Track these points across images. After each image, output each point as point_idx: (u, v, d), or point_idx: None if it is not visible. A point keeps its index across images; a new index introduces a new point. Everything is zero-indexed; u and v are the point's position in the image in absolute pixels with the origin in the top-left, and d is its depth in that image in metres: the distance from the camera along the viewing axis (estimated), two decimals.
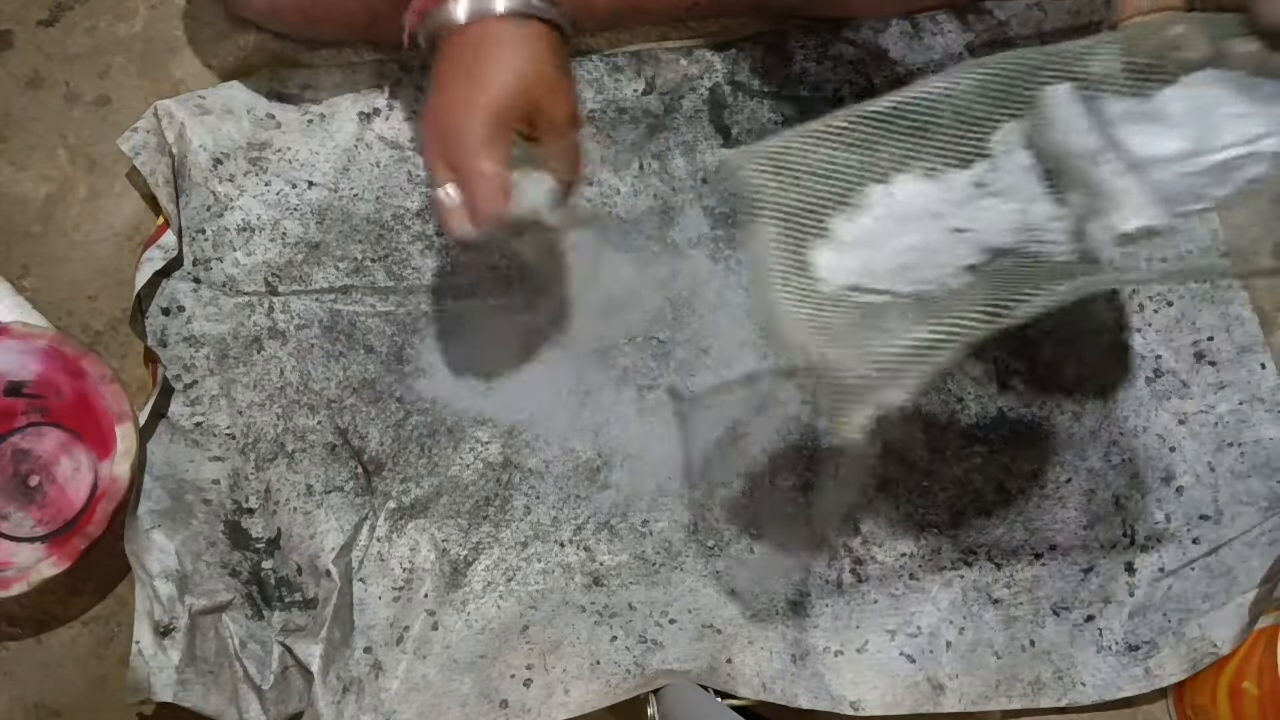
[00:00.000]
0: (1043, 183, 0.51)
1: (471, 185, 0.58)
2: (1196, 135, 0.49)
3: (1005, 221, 0.51)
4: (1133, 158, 0.49)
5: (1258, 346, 0.77)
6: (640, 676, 0.71)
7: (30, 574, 0.68)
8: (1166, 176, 0.49)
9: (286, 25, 0.77)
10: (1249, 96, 0.50)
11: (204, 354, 0.74)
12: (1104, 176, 0.48)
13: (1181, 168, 0.49)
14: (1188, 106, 0.50)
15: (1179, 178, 0.49)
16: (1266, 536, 0.74)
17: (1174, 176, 0.49)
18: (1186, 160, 0.49)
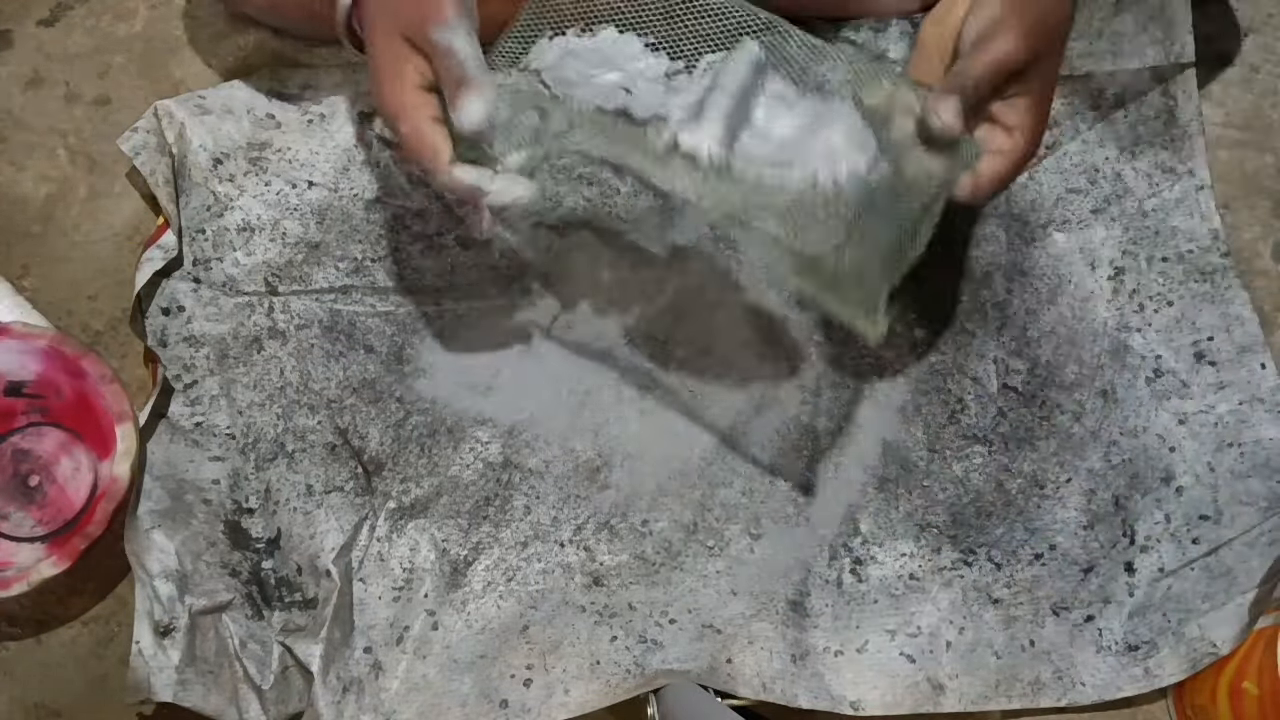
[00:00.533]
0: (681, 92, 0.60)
1: (407, 151, 0.58)
2: (796, 139, 0.58)
3: (649, 101, 0.60)
4: (746, 116, 0.58)
5: (1258, 347, 0.77)
6: (640, 676, 0.71)
7: (30, 574, 0.68)
8: (752, 143, 0.58)
9: (287, 20, 0.77)
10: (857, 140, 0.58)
11: (204, 354, 0.74)
12: (713, 101, 0.57)
13: (766, 149, 0.58)
14: (807, 119, 0.58)
15: (760, 150, 0.57)
16: (1266, 537, 0.74)
17: (757, 147, 0.57)
18: (777, 148, 0.58)
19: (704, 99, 0.57)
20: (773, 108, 0.59)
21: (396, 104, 0.57)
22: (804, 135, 0.57)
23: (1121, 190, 0.80)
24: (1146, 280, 0.79)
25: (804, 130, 0.58)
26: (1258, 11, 0.86)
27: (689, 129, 0.57)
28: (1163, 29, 0.78)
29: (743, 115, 0.58)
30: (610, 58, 0.61)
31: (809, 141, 0.57)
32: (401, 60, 0.57)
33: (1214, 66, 0.84)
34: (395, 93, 0.57)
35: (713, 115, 0.56)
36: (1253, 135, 0.84)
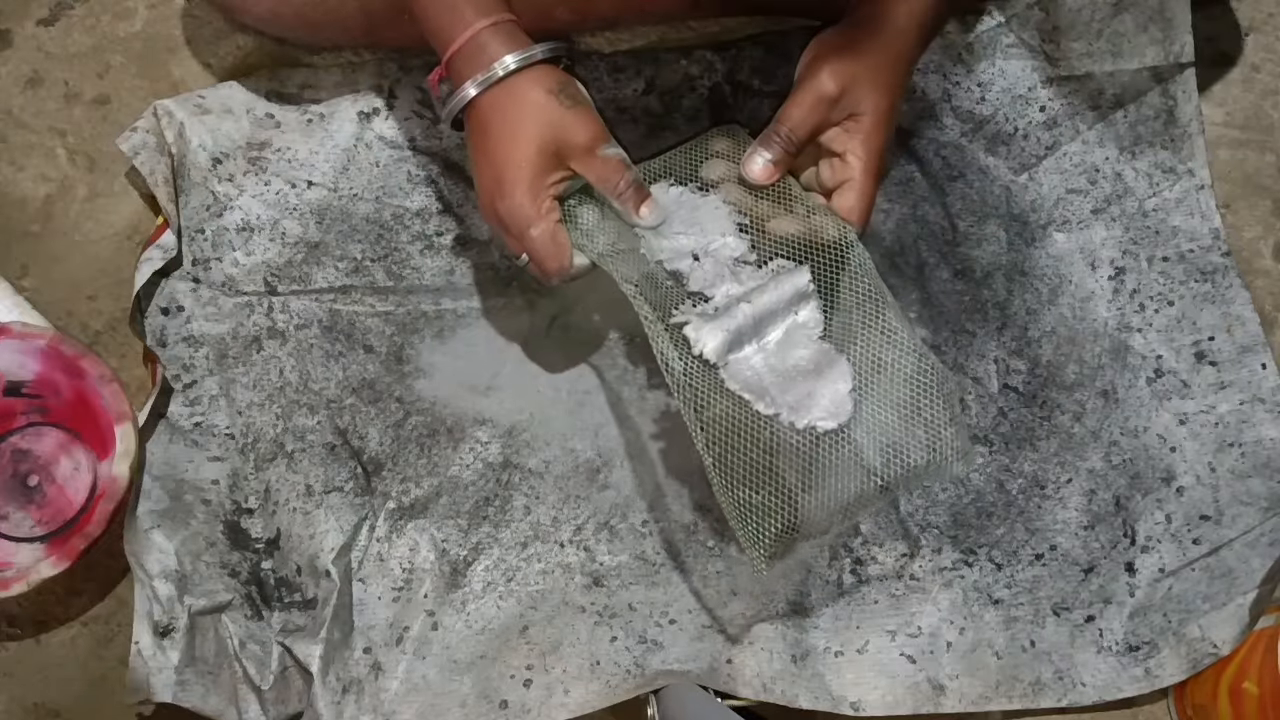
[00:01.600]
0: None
1: (532, 252, 0.63)
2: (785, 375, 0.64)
3: (706, 276, 0.66)
4: (758, 333, 0.65)
5: (1258, 347, 0.77)
6: (640, 677, 0.71)
7: (30, 574, 0.68)
8: (746, 361, 0.64)
9: (286, 30, 0.77)
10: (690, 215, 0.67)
11: (203, 354, 0.74)
12: (735, 311, 0.64)
13: (751, 373, 0.64)
14: (810, 364, 0.65)
15: (745, 372, 0.64)
16: (1267, 537, 0.74)
17: (747, 367, 0.64)
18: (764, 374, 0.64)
19: (732, 305, 0.63)
20: (791, 335, 0.64)
21: (533, 210, 0.62)
22: (796, 376, 0.63)
23: (1122, 190, 0.80)
24: (1147, 280, 0.79)
25: (800, 372, 0.63)
26: (1258, 11, 0.86)
27: (697, 326, 0.62)
28: (1162, 29, 0.78)
29: (757, 330, 0.63)
30: (703, 224, 0.66)
31: (796, 382, 0.63)
32: (547, 172, 0.62)
33: (1214, 66, 0.84)
34: (534, 200, 0.62)
35: (725, 324, 0.62)
36: (1253, 135, 0.84)
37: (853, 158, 0.65)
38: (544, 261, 0.63)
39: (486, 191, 0.64)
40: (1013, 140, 0.80)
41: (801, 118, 0.65)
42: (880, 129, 0.65)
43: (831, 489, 0.62)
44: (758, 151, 0.65)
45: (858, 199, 0.65)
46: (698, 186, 0.68)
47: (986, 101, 0.81)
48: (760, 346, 0.64)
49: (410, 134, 0.78)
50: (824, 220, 0.66)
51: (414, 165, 0.78)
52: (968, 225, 0.80)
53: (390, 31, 0.75)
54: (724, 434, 0.61)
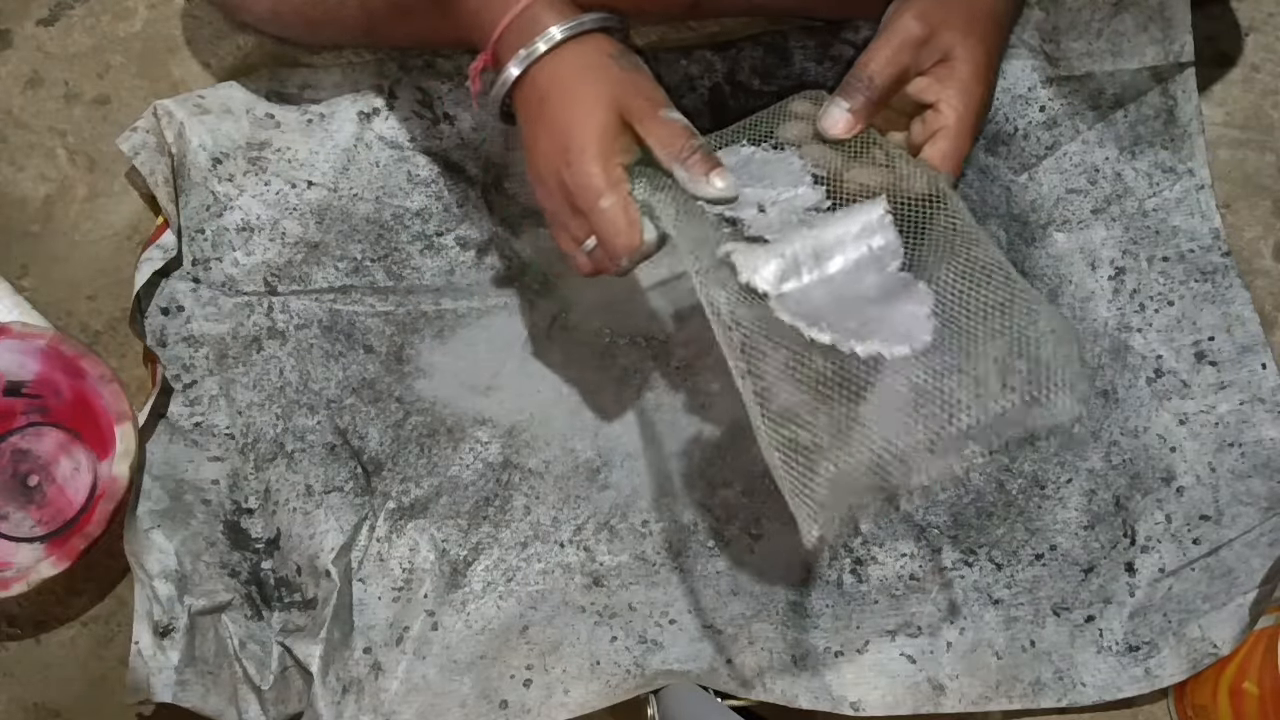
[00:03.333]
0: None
1: (603, 228, 0.58)
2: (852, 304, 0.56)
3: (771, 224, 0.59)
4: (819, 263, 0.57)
5: (1259, 346, 0.77)
6: (640, 677, 0.71)
7: (30, 574, 0.68)
8: (803, 292, 0.56)
9: (286, 29, 0.77)
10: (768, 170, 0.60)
11: (203, 354, 0.74)
12: (793, 236, 0.57)
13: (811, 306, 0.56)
14: (879, 292, 0.56)
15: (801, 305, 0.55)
16: (1267, 537, 0.74)
17: (803, 300, 0.56)
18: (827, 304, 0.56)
19: (789, 231, 0.56)
20: (861, 265, 0.57)
21: (604, 180, 0.57)
22: (863, 303, 0.55)
23: (1122, 190, 0.80)
24: (1147, 280, 0.79)
25: (867, 300, 0.56)
26: (1258, 11, 0.86)
27: (745, 251, 0.55)
28: (1162, 28, 0.78)
29: (818, 261, 0.56)
30: (774, 176, 0.60)
31: (862, 308, 0.55)
32: (614, 137, 0.57)
33: (1214, 66, 0.84)
34: (605, 168, 0.57)
35: (779, 249, 0.55)
36: (1253, 135, 0.84)
37: (946, 106, 0.59)
38: (615, 237, 0.57)
39: (548, 165, 0.58)
40: (1012, 140, 0.80)
41: (885, 61, 0.59)
42: (979, 77, 0.59)
43: (899, 427, 0.52)
44: (835, 101, 0.60)
45: (951, 144, 0.60)
46: (772, 145, 0.62)
47: None
48: (821, 277, 0.56)
49: (410, 134, 0.78)
50: (911, 169, 0.59)
51: (414, 165, 0.78)
52: None
53: (390, 30, 0.75)
54: (769, 367, 0.53)
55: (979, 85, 0.60)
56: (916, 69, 0.60)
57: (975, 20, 0.60)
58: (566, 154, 0.57)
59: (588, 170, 0.57)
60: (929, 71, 0.60)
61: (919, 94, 0.61)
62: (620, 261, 0.59)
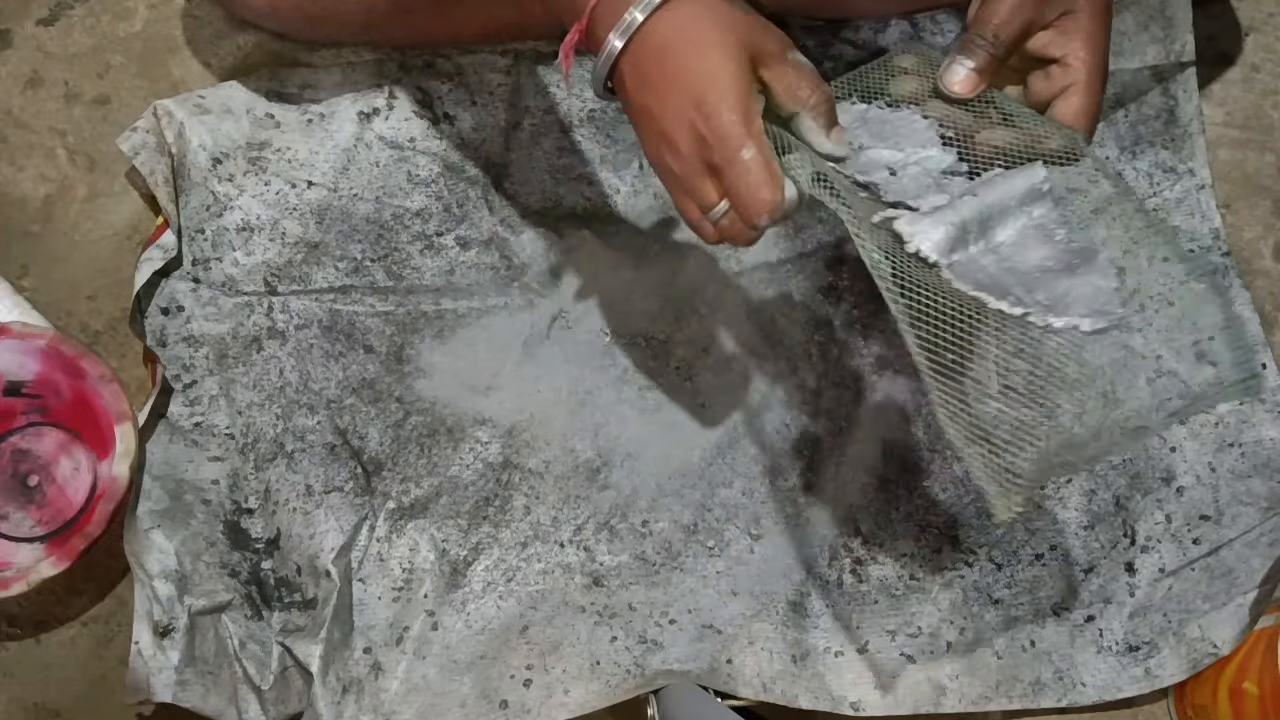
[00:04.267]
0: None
1: (743, 182, 0.53)
2: (1030, 274, 0.55)
3: (906, 188, 0.56)
4: (986, 232, 0.55)
5: (1259, 347, 0.77)
6: (640, 677, 0.71)
7: (30, 574, 0.68)
8: (975, 262, 0.55)
9: (285, 25, 0.77)
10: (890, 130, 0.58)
11: (203, 354, 0.74)
12: (959, 205, 0.54)
13: (985, 274, 0.54)
14: (1057, 263, 0.55)
15: (976, 272, 0.54)
16: (1267, 537, 0.74)
17: (977, 267, 0.54)
18: (1001, 274, 0.54)
19: (954, 199, 0.54)
20: (1026, 235, 0.55)
21: (745, 129, 0.52)
22: (1041, 275, 0.53)
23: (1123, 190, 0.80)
24: (1147, 280, 0.79)
25: (1045, 271, 0.54)
26: (1258, 11, 0.86)
27: (912, 219, 0.53)
28: (1163, 28, 0.78)
29: (983, 230, 0.54)
30: (899, 136, 0.58)
31: (1044, 280, 0.53)
32: (750, 84, 0.53)
33: (1215, 66, 0.84)
34: (746, 117, 0.53)
35: (947, 218, 0.53)
36: (1253, 134, 0.84)
37: (1075, 59, 0.57)
38: (757, 190, 0.53)
39: (679, 121, 0.53)
40: None
41: (1008, 15, 0.56)
42: (1100, 28, 0.57)
43: (1108, 399, 0.51)
44: (957, 60, 0.57)
45: (1085, 101, 0.57)
46: (886, 103, 0.60)
47: None
48: (990, 247, 0.54)
49: (410, 134, 0.78)
50: (1044, 129, 0.57)
51: (414, 165, 0.78)
52: None
53: (390, 27, 0.75)
54: (956, 338, 0.50)
55: (1102, 35, 0.57)
56: (1040, 23, 0.57)
57: None
58: (703, 105, 0.53)
59: (728, 119, 0.52)
60: (1052, 25, 0.58)
61: (1042, 49, 0.58)
62: (760, 220, 0.54)
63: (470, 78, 0.79)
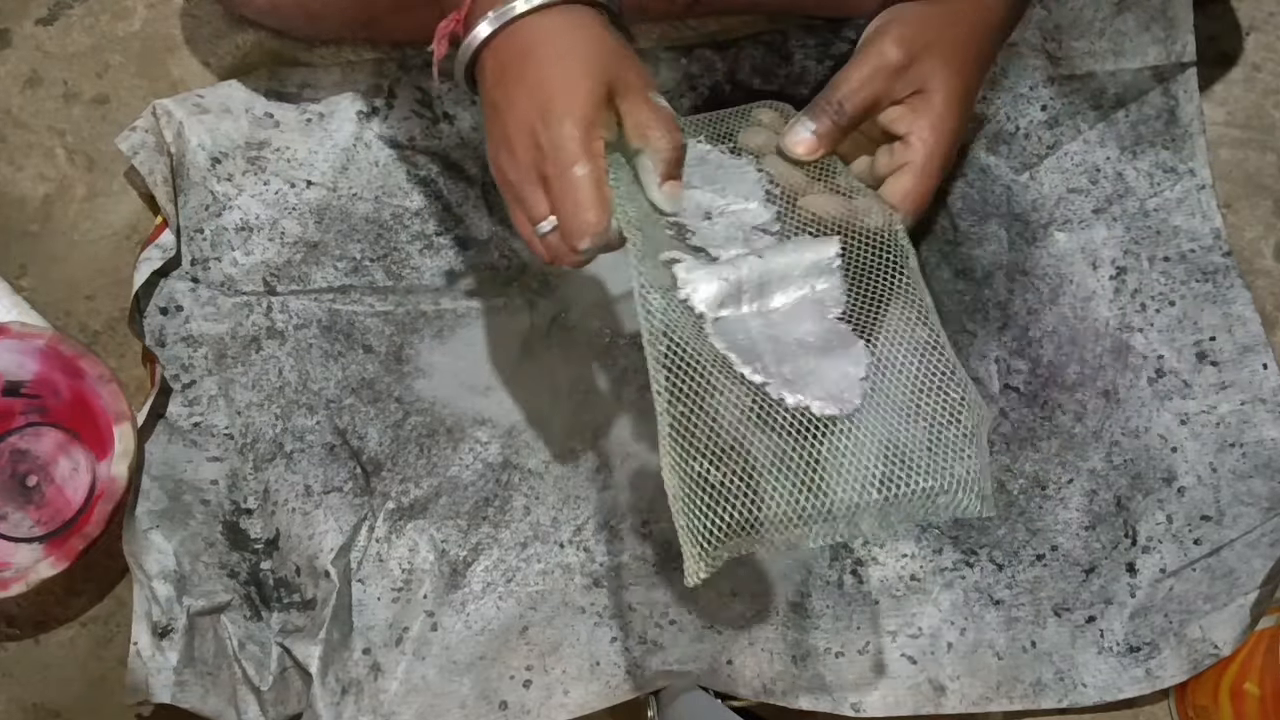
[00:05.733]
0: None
1: (569, 199, 0.52)
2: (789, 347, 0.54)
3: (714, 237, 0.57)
4: (762, 295, 0.55)
5: (1260, 347, 0.77)
6: (640, 678, 0.71)
7: (29, 574, 0.67)
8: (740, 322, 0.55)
9: (286, 22, 0.76)
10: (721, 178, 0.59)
11: (202, 354, 0.74)
12: (739, 263, 0.55)
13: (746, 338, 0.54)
14: (818, 340, 0.54)
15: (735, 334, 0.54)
16: (1268, 537, 0.74)
17: (740, 328, 0.54)
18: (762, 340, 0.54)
19: (738, 257, 0.54)
20: (802, 307, 0.55)
21: (583, 146, 0.51)
22: (798, 349, 0.53)
23: (1123, 190, 0.80)
24: (1148, 280, 0.79)
25: (802, 346, 0.54)
26: (1259, 10, 0.85)
27: (690, 267, 0.53)
28: (1164, 28, 0.78)
29: (760, 292, 0.54)
30: (727, 183, 0.58)
31: (797, 355, 0.53)
32: (600, 107, 0.52)
33: (1215, 66, 0.84)
34: (587, 134, 0.52)
35: (724, 274, 0.53)
36: (1254, 134, 0.84)
37: (917, 140, 0.57)
38: (582, 212, 0.52)
39: (521, 125, 0.53)
40: (1014, 139, 0.80)
41: (857, 86, 0.57)
42: (953, 113, 0.57)
43: (812, 487, 0.50)
44: (801, 121, 0.58)
45: (914, 183, 0.57)
46: (730, 148, 0.61)
47: (987, 100, 0.81)
48: (761, 310, 0.54)
49: (410, 134, 0.78)
50: (868, 204, 0.57)
51: (414, 165, 0.78)
52: (968, 225, 0.80)
53: (389, 23, 0.75)
54: (693, 392, 0.50)
55: (953, 120, 0.57)
56: (890, 98, 0.58)
57: (957, 50, 0.57)
58: (547, 115, 0.52)
59: (569, 133, 0.51)
60: (903, 101, 0.58)
61: (890, 124, 0.58)
62: (581, 242, 0.52)
63: None
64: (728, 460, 0.50)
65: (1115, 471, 0.76)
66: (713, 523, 0.49)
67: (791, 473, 0.50)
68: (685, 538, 0.49)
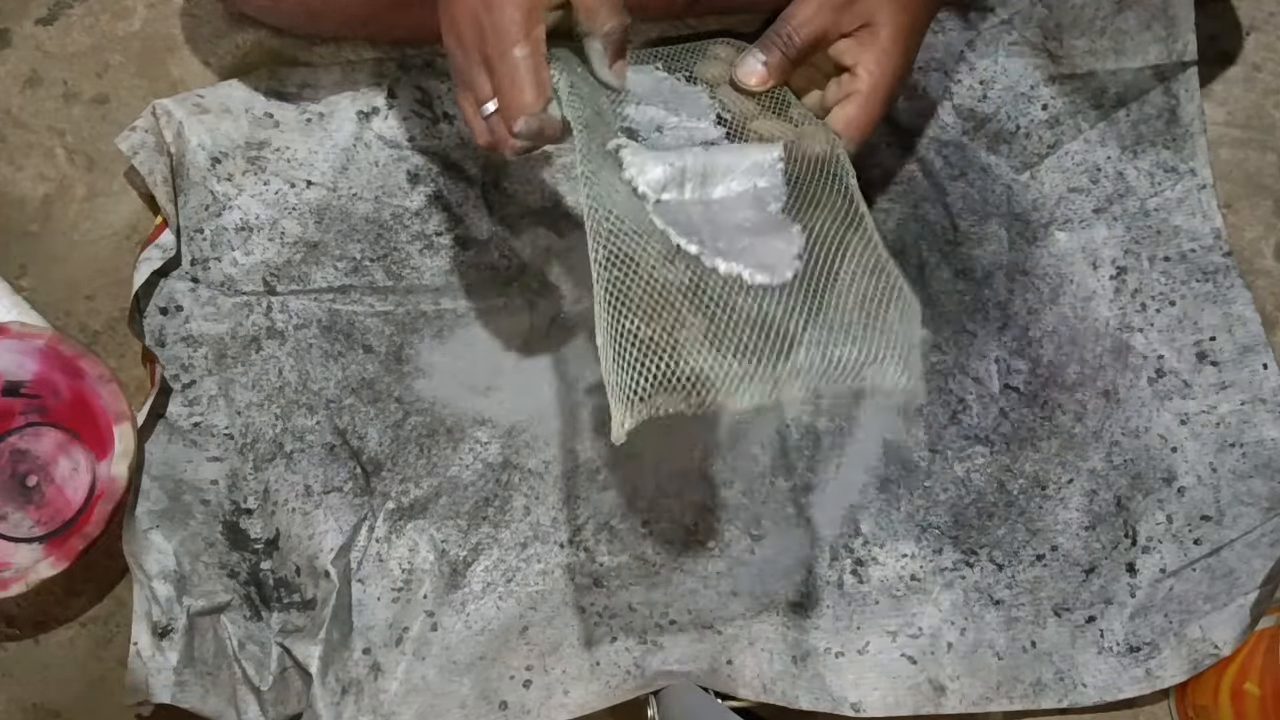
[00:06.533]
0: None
1: (508, 80, 0.53)
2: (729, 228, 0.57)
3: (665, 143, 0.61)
4: (705, 185, 0.58)
5: (1260, 347, 0.77)
6: (640, 678, 0.71)
7: (29, 575, 0.67)
8: (681, 205, 0.58)
9: (286, 19, 0.76)
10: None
11: (202, 354, 0.74)
12: (685, 153, 0.58)
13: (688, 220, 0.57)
14: (755, 224, 0.57)
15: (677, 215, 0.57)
16: (1268, 537, 0.74)
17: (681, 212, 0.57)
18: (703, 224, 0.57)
19: (683, 149, 0.57)
20: (743, 199, 0.58)
21: (523, 28, 0.53)
22: (735, 231, 0.56)
23: (1123, 189, 0.80)
24: (1148, 280, 0.79)
25: (739, 229, 0.56)
26: (1259, 10, 0.85)
27: (636, 150, 0.56)
28: (1165, 27, 0.77)
29: (703, 182, 0.57)
30: (680, 104, 0.61)
31: (734, 235, 0.55)
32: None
33: (1216, 65, 0.84)
34: (526, 16, 0.53)
35: (669, 159, 0.56)
36: (1255, 134, 0.84)
37: (863, 70, 0.59)
38: (519, 92, 0.53)
39: (468, 9, 0.54)
40: (1014, 139, 0.80)
41: (806, 18, 0.59)
42: (899, 46, 0.59)
43: (738, 348, 0.52)
44: (752, 53, 0.60)
45: (858, 111, 0.59)
46: (686, 77, 0.63)
47: (988, 100, 0.81)
48: (703, 199, 0.57)
49: (410, 134, 0.78)
50: (815, 130, 0.60)
51: (414, 165, 0.78)
52: (969, 224, 0.80)
53: (390, 20, 0.75)
54: (628, 257, 0.53)
55: (898, 53, 0.59)
56: (838, 31, 0.60)
57: None
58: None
59: (510, 15, 0.52)
60: (852, 34, 0.60)
61: (838, 56, 0.60)
62: (517, 124, 0.54)
63: None
64: (657, 319, 0.52)
65: (1115, 471, 0.76)
66: (639, 375, 0.51)
67: (720, 333, 0.52)
68: (612, 393, 0.51)
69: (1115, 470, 0.76)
